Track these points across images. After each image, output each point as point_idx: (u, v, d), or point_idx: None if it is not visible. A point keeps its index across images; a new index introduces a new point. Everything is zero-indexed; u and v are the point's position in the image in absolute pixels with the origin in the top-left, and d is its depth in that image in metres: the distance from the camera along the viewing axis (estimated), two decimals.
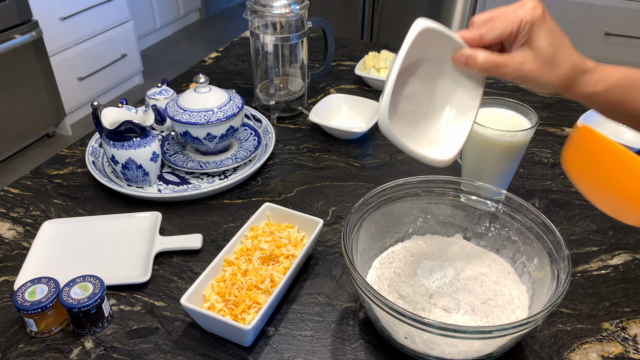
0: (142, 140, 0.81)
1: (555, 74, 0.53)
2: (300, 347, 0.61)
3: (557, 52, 0.52)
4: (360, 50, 1.38)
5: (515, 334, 0.51)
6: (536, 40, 0.51)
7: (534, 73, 0.52)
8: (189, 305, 0.59)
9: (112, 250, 0.74)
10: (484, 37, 0.51)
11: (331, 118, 1.04)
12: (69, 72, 2.50)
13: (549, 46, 0.51)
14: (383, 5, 2.41)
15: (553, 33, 0.52)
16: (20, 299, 0.60)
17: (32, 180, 0.88)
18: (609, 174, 0.51)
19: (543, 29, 0.51)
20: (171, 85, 1.19)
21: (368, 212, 0.66)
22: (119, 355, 0.60)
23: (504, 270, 0.66)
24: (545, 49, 0.51)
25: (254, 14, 0.97)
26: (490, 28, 0.51)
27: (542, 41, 0.51)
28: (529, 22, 0.50)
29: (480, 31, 0.51)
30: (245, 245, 0.70)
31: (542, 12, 0.51)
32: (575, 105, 1.13)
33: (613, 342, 0.62)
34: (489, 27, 0.51)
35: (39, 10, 2.24)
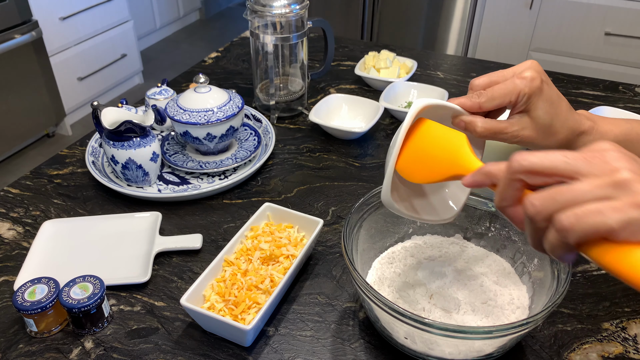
0: (142, 140, 0.81)
1: (552, 140, 0.54)
2: (300, 347, 0.61)
3: (554, 120, 0.53)
4: (360, 50, 1.38)
5: (515, 334, 0.51)
6: (534, 109, 0.52)
7: (532, 139, 0.54)
8: (189, 305, 0.59)
9: (112, 250, 0.74)
10: (483, 107, 0.53)
11: (331, 118, 1.04)
12: (69, 72, 2.50)
13: (545, 115, 0.53)
14: (383, 5, 2.41)
15: (550, 102, 0.53)
16: (20, 299, 0.60)
17: (32, 180, 0.88)
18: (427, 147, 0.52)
19: (541, 99, 0.52)
20: (171, 85, 1.19)
21: (368, 212, 0.66)
22: (119, 356, 0.60)
23: (504, 270, 0.66)
24: (542, 118, 0.53)
25: (254, 14, 0.97)
26: (489, 98, 0.52)
27: (539, 111, 0.52)
28: (527, 94, 0.52)
29: (480, 101, 0.52)
30: (245, 245, 0.70)
31: (540, 82, 0.52)
32: (576, 105, 1.13)
33: (613, 342, 0.62)
34: (488, 97, 0.52)
35: (39, 10, 2.24)
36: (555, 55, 2.25)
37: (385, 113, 1.07)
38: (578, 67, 2.23)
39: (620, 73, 2.17)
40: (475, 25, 2.32)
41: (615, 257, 0.34)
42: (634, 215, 0.33)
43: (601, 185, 0.35)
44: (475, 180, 0.44)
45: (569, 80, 1.24)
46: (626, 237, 0.34)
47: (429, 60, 1.34)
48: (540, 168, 0.38)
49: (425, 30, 2.42)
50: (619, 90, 1.20)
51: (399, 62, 1.22)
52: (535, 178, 0.39)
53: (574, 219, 0.35)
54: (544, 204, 0.37)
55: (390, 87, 1.08)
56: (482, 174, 0.43)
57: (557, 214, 0.36)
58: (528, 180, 0.39)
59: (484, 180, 0.43)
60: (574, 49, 2.20)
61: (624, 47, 2.12)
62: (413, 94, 1.11)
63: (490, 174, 0.43)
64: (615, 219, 0.34)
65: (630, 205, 0.34)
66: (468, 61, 1.37)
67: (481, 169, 0.44)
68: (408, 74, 1.19)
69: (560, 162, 0.37)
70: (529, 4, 2.17)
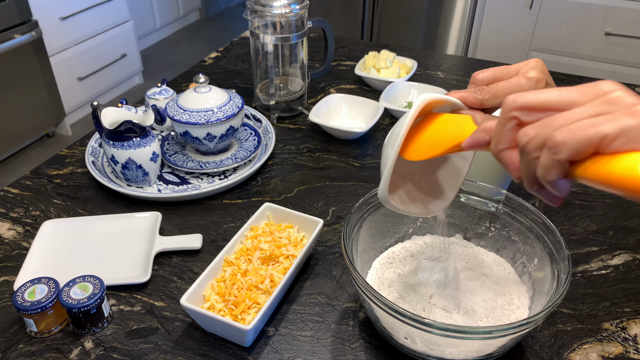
0: (142, 140, 0.81)
1: None
2: (300, 347, 0.61)
3: None
4: (360, 50, 1.38)
5: (515, 334, 0.51)
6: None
7: None
8: (189, 305, 0.59)
9: (112, 250, 0.74)
10: (485, 104, 0.52)
11: (331, 118, 1.04)
12: (69, 72, 2.50)
13: None
14: (383, 5, 2.41)
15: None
16: (20, 299, 0.60)
17: (31, 180, 0.88)
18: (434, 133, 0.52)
19: None
20: (171, 85, 1.19)
21: (368, 212, 0.66)
22: (118, 356, 0.60)
23: (504, 270, 0.66)
24: None
25: (254, 13, 0.97)
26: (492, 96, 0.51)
27: None
28: None
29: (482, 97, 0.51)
30: (245, 246, 0.70)
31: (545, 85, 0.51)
32: None
33: (613, 342, 0.62)
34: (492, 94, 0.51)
35: (38, 10, 2.24)
36: (555, 55, 2.25)
37: (385, 113, 1.07)
38: (578, 67, 2.23)
39: (620, 73, 2.17)
40: (475, 25, 2.32)
41: (609, 167, 0.33)
42: (629, 122, 0.33)
43: (595, 105, 0.35)
44: (474, 137, 0.43)
45: (569, 80, 1.24)
46: (620, 146, 0.33)
47: (429, 60, 1.34)
48: (534, 103, 0.38)
49: (425, 30, 2.42)
50: None
51: (399, 62, 1.22)
52: (530, 115, 0.38)
53: (567, 133, 0.34)
54: (537, 130, 0.36)
55: (390, 87, 1.08)
56: (480, 130, 0.43)
57: (550, 133, 0.35)
58: (522, 117, 0.39)
59: (482, 136, 0.43)
60: (574, 49, 2.20)
61: (624, 47, 2.12)
62: (413, 94, 1.11)
63: (487, 129, 0.42)
64: (609, 126, 0.33)
65: (624, 114, 0.33)
66: (468, 61, 1.37)
67: (480, 127, 0.43)
68: (408, 74, 1.19)
69: (553, 95, 0.37)
70: (529, 4, 2.17)
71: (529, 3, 2.17)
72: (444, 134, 0.50)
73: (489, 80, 0.53)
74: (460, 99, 0.52)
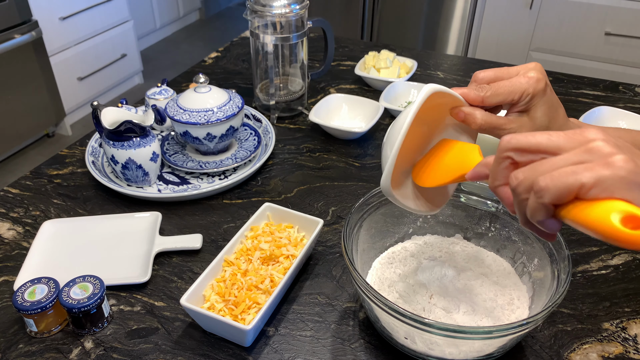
0: (142, 140, 0.81)
1: None
2: (300, 347, 0.61)
3: (552, 123, 0.54)
4: (360, 50, 1.38)
5: (515, 334, 0.51)
6: (534, 110, 0.53)
7: None
8: (189, 305, 0.59)
9: (112, 250, 0.74)
10: (486, 101, 0.53)
11: (331, 118, 1.04)
12: (69, 72, 2.50)
13: (544, 117, 0.54)
14: (383, 5, 2.41)
15: (550, 104, 0.54)
16: (20, 299, 0.60)
17: (32, 180, 0.88)
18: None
19: (542, 101, 0.53)
20: (171, 85, 1.19)
21: (368, 212, 0.66)
22: (118, 356, 0.60)
23: (504, 270, 0.66)
24: (540, 119, 0.54)
25: (254, 13, 0.97)
26: (493, 94, 0.53)
27: (539, 112, 0.53)
28: (531, 94, 0.52)
29: (483, 95, 0.53)
30: (245, 246, 0.70)
31: (545, 85, 0.53)
32: (576, 105, 1.13)
33: (613, 342, 0.62)
34: (493, 92, 0.53)
35: (38, 10, 2.24)
36: (555, 55, 2.25)
37: (385, 113, 1.07)
38: (578, 67, 2.23)
39: (620, 73, 2.17)
40: (475, 25, 2.32)
41: (586, 213, 0.37)
42: (604, 173, 0.36)
43: (576, 152, 0.38)
44: (476, 171, 0.47)
45: (569, 80, 1.24)
46: (597, 193, 0.36)
47: (429, 60, 1.34)
48: (526, 145, 0.41)
49: (425, 30, 2.41)
50: (619, 90, 1.19)
51: (399, 62, 1.22)
52: (523, 155, 0.41)
53: (550, 179, 0.38)
54: (525, 174, 0.40)
55: (390, 87, 1.08)
56: (481, 164, 0.46)
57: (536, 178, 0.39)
58: (516, 157, 0.42)
59: (482, 170, 0.46)
60: (574, 49, 2.20)
61: (624, 47, 2.12)
62: (413, 94, 1.11)
63: (487, 164, 0.45)
64: (587, 175, 0.36)
65: (601, 165, 0.37)
66: (468, 61, 1.37)
67: (481, 161, 0.46)
68: (408, 74, 1.19)
69: (543, 139, 0.40)
70: (529, 4, 2.17)
71: (529, 3, 2.17)
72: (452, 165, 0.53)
73: (490, 79, 0.54)
74: (462, 95, 0.53)
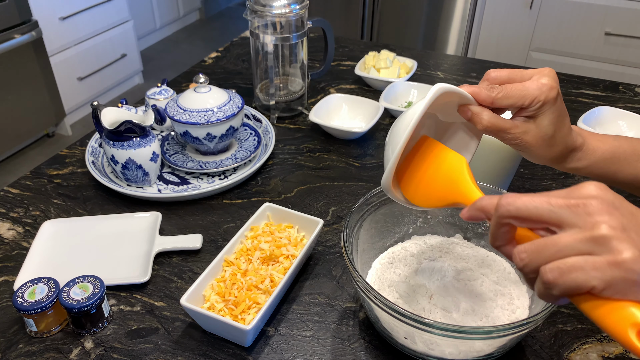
0: (142, 140, 0.81)
1: (549, 151, 0.55)
2: (300, 347, 0.61)
3: (557, 132, 0.54)
4: (360, 50, 1.38)
5: (515, 334, 0.51)
6: (542, 118, 0.53)
7: (530, 146, 0.54)
8: (189, 305, 0.59)
9: (112, 250, 0.74)
10: (495, 103, 0.52)
11: (331, 118, 1.04)
12: (69, 72, 2.50)
13: (550, 126, 0.53)
14: (383, 5, 2.41)
15: (558, 114, 0.53)
16: (20, 299, 0.60)
17: (32, 180, 0.88)
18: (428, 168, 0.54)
19: (551, 110, 0.52)
20: (171, 85, 1.19)
21: (368, 212, 0.66)
22: (118, 356, 0.60)
23: (504, 270, 0.66)
24: (547, 128, 0.53)
25: (254, 13, 0.97)
26: (504, 96, 0.52)
27: (546, 120, 0.53)
28: (542, 102, 0.52)
29: (494, 95, 0.52)
30: (245, 246, 0.70)
31: (557, 93, 0.52)
32: (576, 105, 1.13)
33: (613, 342, 0.62)
34: (504, 95, 0.52)
35: (38, 10, 2.24)
36: (555, 55, 2.25)
37: (385, 113, 1.07)
38: (578, 67, 2.23)
39: (620, 73, 2.17)
40: (475, 25, 2.32)
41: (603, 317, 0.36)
42: (614, 275, 0.35)
43: (582, 240, 0.37)
44: (470, 215, 0.45)
45: (569, 80, 1.24)
46: (609, 295, 0.36)
47: (429, 60, 1.34)
48: (525, 215, 0.40)
49: (425, 30, 2.42)
50: (619, 90, 1.19)
51: (399, 62, 1.22)
52: (523, 223, 0.40)
53: (558, 273, 0.37)
54: (530, 257, 0.39)
55: (390, 87, 1.08)
56: (476, 209, 0.44)
57: (542, 267, 0.38)
58: (516, 224, 0.41)
59: (479, 214, 0.44)
60: (574, 49, 2.20)
61: (624, 47, 2.12)
62: (413, 94, 1.11)
63: (484, 210, 0.44)
64: (597, 277, 0.35)
65: (609, 264, 0.35)
66: (468, 61, 1.37)
67: (475, 203, 0.44)
68: (408, 74, 1.19)
69: (545, 210, 0.39)
70: (529, 4, 2.17)
71: (529, 3, 2.17)
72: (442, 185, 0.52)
73: (503, 80, 0.53)
74: (472, 93, 0.52)
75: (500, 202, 0.41)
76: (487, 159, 0.78)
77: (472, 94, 0.52)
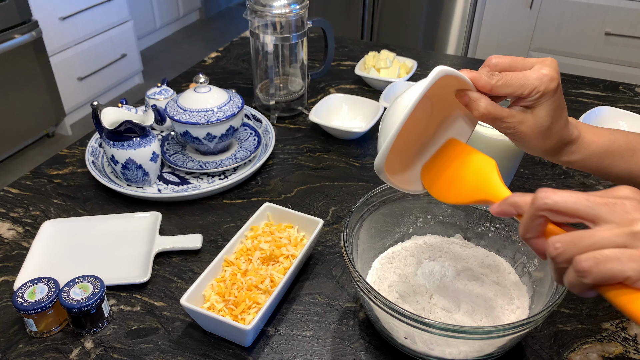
0: (142, 140, 0.81)
1: (544, 143, 0.54)
2: (300, 347, 0.61)
3: (553, 124, 0.53)
4: (360, 50, 1.38)
5: (515, 334, 0.51)
6: (540, 109, 0.52)
7: (525, 136, 0.54)
8: (189, 305, 0.59)
9: (112, 250, 0.74)
10: (494, 90, 0.52)
11: (331, 118, 1.04)
12: (69, 72, 2.50)
13: (547, 117, 0.53)
14: (383, 5, 2.41)
15: (556, 106, 0.53)
16: (20, 299, 0.60)
17: (32, 180, 0.88)
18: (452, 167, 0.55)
19: (549, 102, 0.52)
20: (171, 85, 1.19)
21: (368, 212, 0.66)
22: (118, 356, 0.60)
23: (504, 270, 0.66)
24: (543, 119, 0.53)
25: (254, 13, 0.97)
26: (504, 84, 0.51)
27: (544, 111, 0.52)
28: (541, 93, 0.51)
29: (493, 83, 0.51)
30: (245, 246, 0.70)
31: (557, 85, 0.52)
32: (576, 105, 1.13)
33: (613, 342, 0.62)
34: (503, 82, 0.51)
35: (38, 10, 2.24)
36: (555, 55, 2.25)
37: None
38: (578, 67, 2.23)
39: (620, 73, 2.17)
40: (475, 25, 2.32)
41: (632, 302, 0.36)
42: None
43: (620, 234, 0.37)
44: (502, 209, 0.45)
45: (569, 80, 1.24)
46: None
47: (429, 60, 1.34)
48: (563, 209, 0.40)
49: (425, 30, 2.42)
50: (619, 90, 1.19)
51: (399, 62, 1.22)
52: (558, 216, 0.40)
53: (593, 262, 0.37)
54: (565, 247, 0.39)
55: (390, 87, 1.08)
56: (508, 204, 0.44)
57: (577, 256, 0.38)
58: (551, 217, 0.41)
59: (510, 210, 0.45)
60: (574, 49, 2.20)
61: (624, 47, 2.11)
62: None
63: (516, 205, 0.44)
64: (633, 268, 0.36)
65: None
66: (468, 61, 1.37)
67: (507, 199, 0.45)
68: (408, 74, 1.19)
69: (582, 205, 0.39)
70: (529, 4, 2.17)
71: (529, 3, 2.17)
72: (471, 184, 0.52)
73: (504, 67, 0.52)
74: (472, 79, 0.52)
75: (539, 195, 0.41)
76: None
77: (471, 79, 0.51)
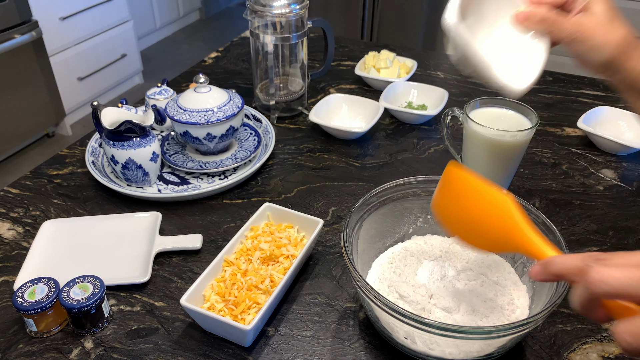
0: (142, 140, 0.81)
1: (613, 34, 0.54)
2: (300, 347, 0.61)
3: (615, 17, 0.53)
4: (360, 50, 1.38)
5: (515, 334, 0.51)
6: (594, 7, 0.53)
7: (593, 30, 0.53)
8: (189, 305, 0.59)
9: (112, 250, 0.74)
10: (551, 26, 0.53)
11: (331, 118, 1.04)
12: (69, 72, 2.50)
13: (606, 11, 0.53)
14: (383, 5, 2.41)
15: (609, 4, 0.53)
16: (20, 299, 0.60)
17: (31, 180, 0.88)
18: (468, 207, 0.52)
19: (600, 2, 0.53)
20: (171, 85, 1.19)
21: (368, 212, 0.66)
22: (118, 356, 0.60)
23: (504, 270, 0.66)
24: (602, 13, 0.53)
25: (254, 13, 0.97)
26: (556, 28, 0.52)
27: (599, 7, 0.53)
28: None
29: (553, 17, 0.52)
30: (245, 246, 0.70)
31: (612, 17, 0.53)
32: (576, 105, 1.13)
33: (613, 342, 0.62)
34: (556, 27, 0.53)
35: (38, 10, 2.24)
36: (555, 55, 2.24)
37: (385, 113, 1.07)
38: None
39: None
40: None
41: None
42: None
43: None
44: (544, 279, 0.43)
45: (569, 80, 1.24)
46: None
47: (429, 60, 1.34)
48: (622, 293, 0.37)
49: (425, 30, 2.41)
50: None
51: (399, 62, 1.22)
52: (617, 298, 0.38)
53: None
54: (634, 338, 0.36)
55: (390, 87, 1.08)
56: (551, 274, 0.42)
57: None
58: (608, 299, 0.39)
59: (552, 279, 0.42)
60: None
61: None
62: (413, 94, 1.11)
63: (561, 276, 0.41)
64: None
65: None
66: None
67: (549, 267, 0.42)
68: (408, 74, 1.19)
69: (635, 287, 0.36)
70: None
71: None
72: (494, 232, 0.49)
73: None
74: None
75: (593, 280, 0.37)
76: (487, 159, 0.78)
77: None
